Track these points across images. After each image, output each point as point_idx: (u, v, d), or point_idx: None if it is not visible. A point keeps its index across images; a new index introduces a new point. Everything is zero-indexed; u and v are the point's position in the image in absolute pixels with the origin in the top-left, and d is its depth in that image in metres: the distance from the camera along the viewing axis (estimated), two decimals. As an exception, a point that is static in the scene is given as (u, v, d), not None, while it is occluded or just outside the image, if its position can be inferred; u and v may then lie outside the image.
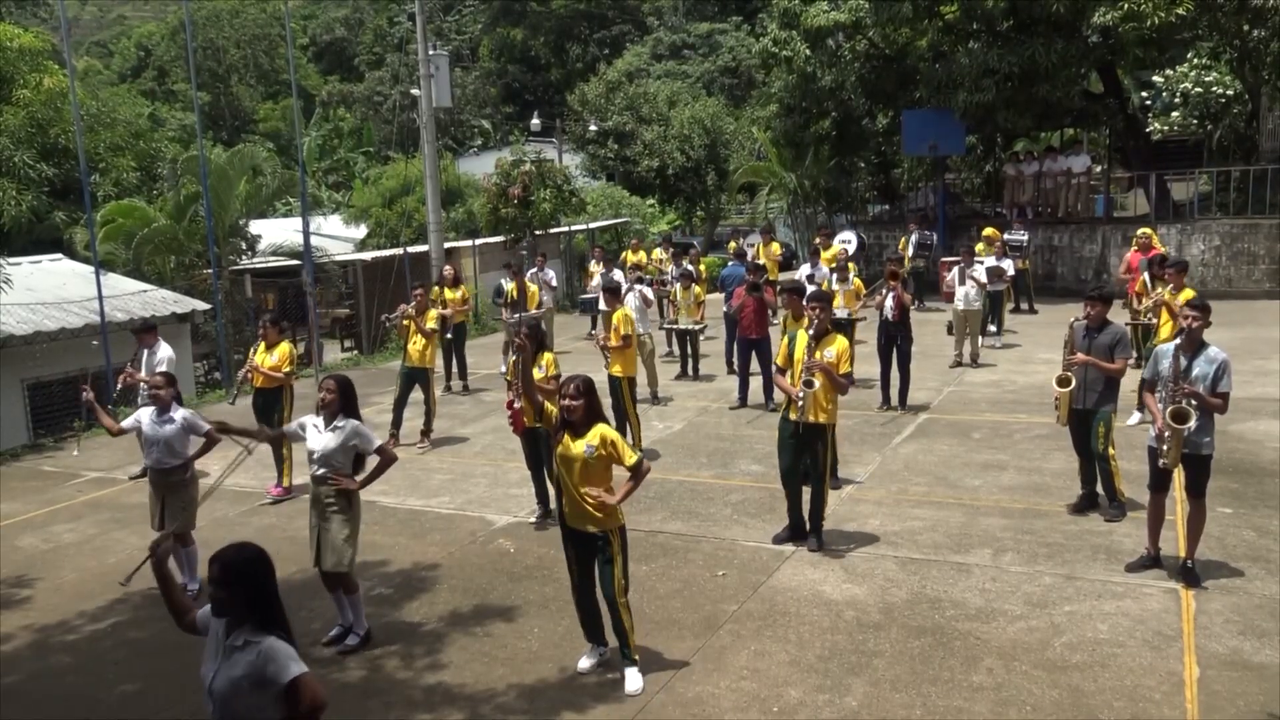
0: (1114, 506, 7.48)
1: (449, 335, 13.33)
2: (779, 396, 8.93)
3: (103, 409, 7.48)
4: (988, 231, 16.81)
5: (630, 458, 5.30)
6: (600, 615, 5.56)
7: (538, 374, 7.80)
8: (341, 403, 5.98)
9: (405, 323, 10.95)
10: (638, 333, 12.06)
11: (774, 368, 7.69)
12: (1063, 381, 7.35)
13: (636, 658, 5.44)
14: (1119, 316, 8.40)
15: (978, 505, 7.98)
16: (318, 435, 5.96)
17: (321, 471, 5.95)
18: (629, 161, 31.07)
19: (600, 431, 5.27)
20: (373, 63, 55.69)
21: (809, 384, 6.91)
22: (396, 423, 10.96)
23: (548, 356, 7.92)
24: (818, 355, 6.98)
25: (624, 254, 18.13)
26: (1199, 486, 6.21)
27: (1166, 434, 6.05)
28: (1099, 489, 7.61)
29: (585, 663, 5.64)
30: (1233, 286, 18.62)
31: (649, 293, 12.58)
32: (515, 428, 8.09)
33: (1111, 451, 7.39)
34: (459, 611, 6.57)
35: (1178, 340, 6.29)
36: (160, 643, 6.36)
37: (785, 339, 7.32)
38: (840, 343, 7.11)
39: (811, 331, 7.11)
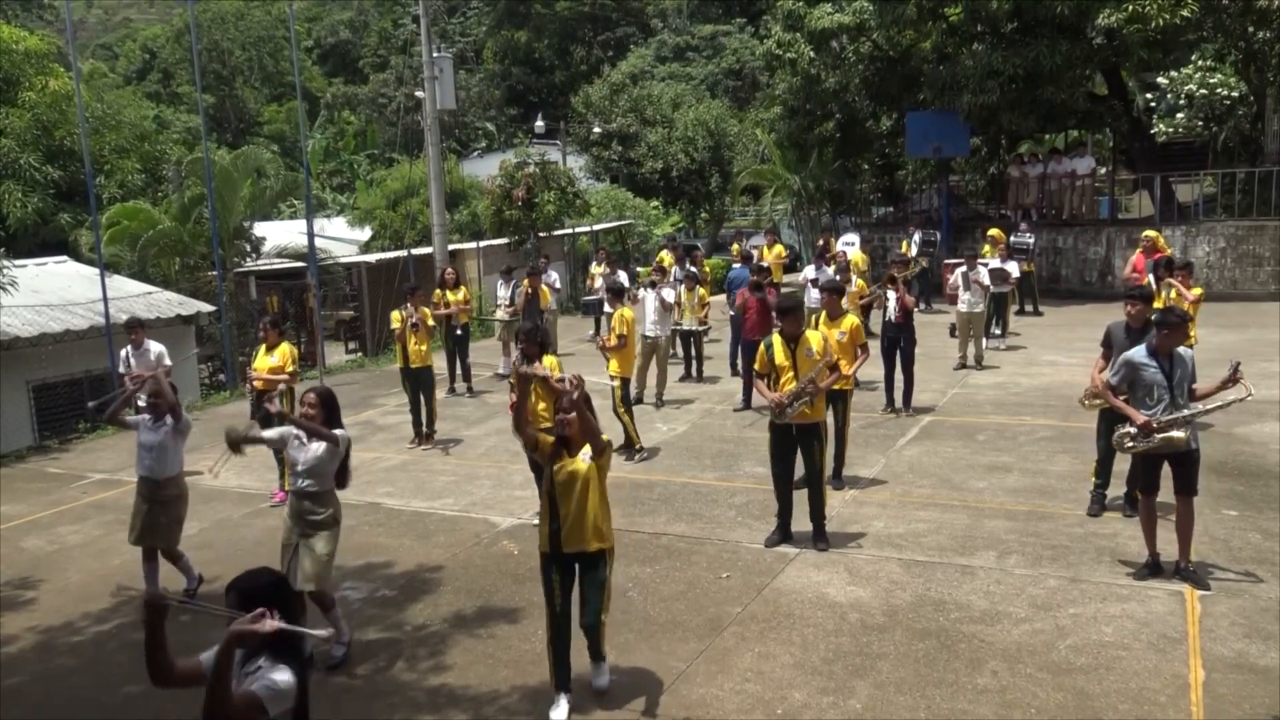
0: None
1: (459, 331, 13.52)
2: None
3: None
4: (992, 232, 16.78)
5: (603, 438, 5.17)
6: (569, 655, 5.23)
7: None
8: (325, 416, 5.85)
9: (409, 322, 10.90)
10: (652, 335, 12.08)
11: (754, 373, 7.59)
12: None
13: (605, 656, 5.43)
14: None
15: (982, 507, 7.97)
16: (302, 447, 5.87)
17: (304, 485, 5.87)
18: (633, 164, 31.06)
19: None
20: (377, 65, 55.81)
21: (801, 397, 6.90)
22: (416, 426, 11.09)
23: (550, 359, 7.90)
24: (801, 357, 6.96)
25: (660, 256, 17.30)
26: (1191, 483, 6.23)
27: (1157, 439, 6.11)
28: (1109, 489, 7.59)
29: (560, 714, 5.13)
30: (1238, 288, 18.59)
31: (668, 296, 12.53)
32: None
33: None
34: (463, 613, 6.58)
35: (1144, 346, 6.27)
36: (164, 644, 6.37)
37: (763, 345, 7.24)
38: (814, 338, 7.12)
39: (783, 334, 7.09)
